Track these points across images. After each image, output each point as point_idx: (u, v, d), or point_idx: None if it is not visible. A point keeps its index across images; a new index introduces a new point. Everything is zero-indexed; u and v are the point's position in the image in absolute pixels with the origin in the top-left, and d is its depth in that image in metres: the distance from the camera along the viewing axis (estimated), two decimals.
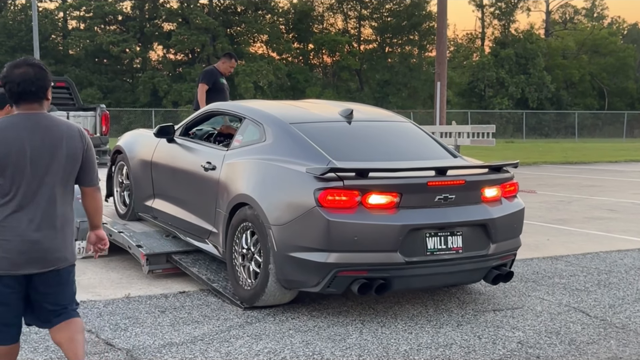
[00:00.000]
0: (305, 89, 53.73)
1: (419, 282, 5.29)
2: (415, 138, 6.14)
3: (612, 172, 20.11)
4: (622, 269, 7.09)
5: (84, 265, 7.13)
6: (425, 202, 5.09)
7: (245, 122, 6.15)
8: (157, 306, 5.65)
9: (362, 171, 4.97)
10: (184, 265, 6.41)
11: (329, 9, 58.94)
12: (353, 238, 4.92)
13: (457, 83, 56.49)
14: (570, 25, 66.09)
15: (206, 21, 50.41)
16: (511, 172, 5.63)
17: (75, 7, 52.16)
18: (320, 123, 5.95)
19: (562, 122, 51.54)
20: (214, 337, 4.90)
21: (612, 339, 4.91)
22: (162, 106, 47.59)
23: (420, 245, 5.05)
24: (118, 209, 7.85)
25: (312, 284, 5.09)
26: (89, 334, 4.92)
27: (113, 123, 38.95)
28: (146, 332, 4.99)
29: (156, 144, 7.10)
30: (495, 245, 5.31)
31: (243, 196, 5.51)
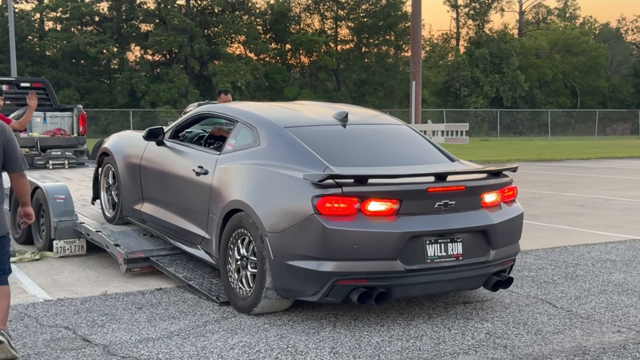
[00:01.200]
0: (283, 89, 53.78)
1: (419, 290, 5.12)
2: (411, 141, 5.99)
3: (583, 169, 20.40)
4: (589, 261, 7.24)
5: (61, 263, 7.16)
6: (425, 209, 4.96)
7: (238, 126, 5.96)
8: (134, 303, 5.69)
9: (361, 177, 4.83)
10: (160, 266, 6.45)
11: (306, 9, 59.02)
12: (352, 246, 4.78)
13: (433, 82, 56.87)
14: (543, 25, 66.71)
15: (183, 22, 50.24)
16: (510, 177, 5.49)
17: (51, 8, 51.73)
18: (315, 127, 5.75)
19: (536, 120, 52.07)
20: (190, 332, 4.96)
21: (577, 329, 5.04)
22: (140, 107, 47.36)
23: (420, 253, 4.93)
24: (105, 212, 7.61)
25: (310, 293, 4.94)
26: (67, 332, 4.96)
27: (91, 124, 38.73)
28: (123, 328, 5.03)
29: (145, 147, 6.91)
30: (495, 251, 5.20)
31: (237, 202, 5.34)
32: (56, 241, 7.47)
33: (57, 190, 7.69)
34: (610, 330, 5.02)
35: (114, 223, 7.37)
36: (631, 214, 10.68)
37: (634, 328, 5.06)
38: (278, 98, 53.06)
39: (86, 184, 10.00)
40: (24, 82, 13.84)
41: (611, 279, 6.49)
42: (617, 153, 27.22)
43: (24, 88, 13.45)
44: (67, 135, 12.92)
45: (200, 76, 52.81)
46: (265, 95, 53.72)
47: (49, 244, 7.54)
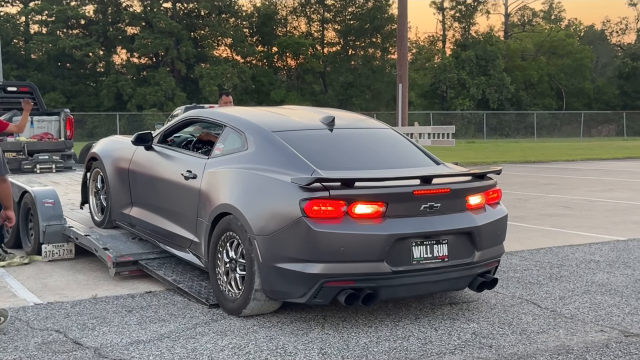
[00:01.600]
0: (270, 92, 53.84)
1: (405, 292, 5.20)
2: (397, 145, 6.07)
3: (569, 170, 20.59)
4: (573, 262, 7.36)
5: (51, 267, 7.19)
6: (411, 211, 5.05)
7: (226, 130, 6.03)
8: (124, 306, 5.74)
9: (348, 181, 4.90)
10: (149, 269, 6.49)
11: (292, 12, 59.13)
12: (339, 248, 4.86)
13: (420, 85, 57.11)
14: (528, 28, 67.15)
15: (170, 25, 50.18)
16: (494, 179, 5.58)
17: (37, 11, 51.53)
18: (302, 131, 5.83)
19: (522, 122, 52.40)
20: (180, 334, 5.02)
21: (561, 329, 5.14)
22: (126, 110, 47.26)
23: (406, 255, 5.01)
24: (94, 216, 7.65)
25: (299, 295, 5.02)
26: (58, 335, 5.00)
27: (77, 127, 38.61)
28: (113, 331, 5.08)
29: (134, 151, 6.98)
30: (480, 252, 5.29)
31: (226, 206, 5.41)
32: (45, 245, 7.50)
33: (46, 195, 7.71)
34: (593, 329, 5.12)
35: (102, 227, 7.42)
36: (615, 215, 10.83)
37: (616, 327, 5.17)
38: (265, 101, 53.12)
39: (74, 188, 10.03)
40: (10, 86, 13.83)
41: (595, 280, 6.61)
42: (603, 154, 27.48)
43: (10, 92, 13.45)
44: (54, 139, 12.93)
45: (187, 79, 52.74)
46: (252, 98, 53.72)
47: (38, 248, 7.57)
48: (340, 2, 58.26)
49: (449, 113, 51.68)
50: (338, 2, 58.30)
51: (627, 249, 8.05)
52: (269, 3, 58.44)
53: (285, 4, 58.98)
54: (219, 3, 53.62)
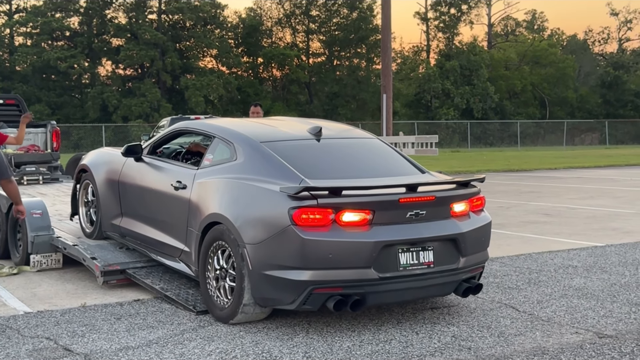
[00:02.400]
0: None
1: (392, 297, 5.30)
2: (383, 154, 6.19)
3: (551, 178, 20.86)
4: (552, 268, 7.55)
5: (40, 277, 7.30)
6: (397, 219, 5.14)
7: (215, 141, 6.13)
8: (112, 314, 5.86)
9: (336, 189, 4.99)
10: (137, 278, 6.61)
11: (278, 23, 59.43)
12: (327, 255, 4.95)
13: (405, 94, 57.52)
14: (511, 38, 67.84)
15: (155, 36, 50.30)
16: (477, 187, 5.70)
17: (21, 23, 51.50)
18: (290, 141, 5.93)
19: (506, 131, 52.85)
20: (168, 340, 5.14)
21: (538, 331, 5.31)
22: (112, 121, 47.28)
23: (393, 261, 5.10)
24: (84, 228, 7.72)
25: (288, 302, 5.11)
26: (48, 342, 5.12)
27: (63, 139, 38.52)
28: (103, 338, 5.20)
29: (123, 163, 7.08)
30: (464, 258, 5.40)
31: (216, 215, 5.50)
32: (33, 255, 7.59)
33: (34, 206, 7.81)
34: (569, 331, 5.30)
35: (92, 238, 7.49)
36: (594, 222, 11.06)
37: (591, 329, 5.35)
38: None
39: (61, 199, 10.14)
40: None
41: (572, 284, 6.80)
42: (585, 163, 27.82)
43: None
44: (40, 151, 13.03)
45: (173, 90, 52.85)
46: (237, 108, 53.87)
47: (26, 258, 7.66)
48: (325, 13, 58.66)
49: (434, 122, 52.06)
50: (323, 13, 58.70)
51: (604, 255, 8.26)
52: (254, 14, 58.76)
53: (271, 15, 59.34)
54: (204, 14, 53.83)
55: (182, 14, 53.12)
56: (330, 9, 58.46)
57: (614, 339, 5.11)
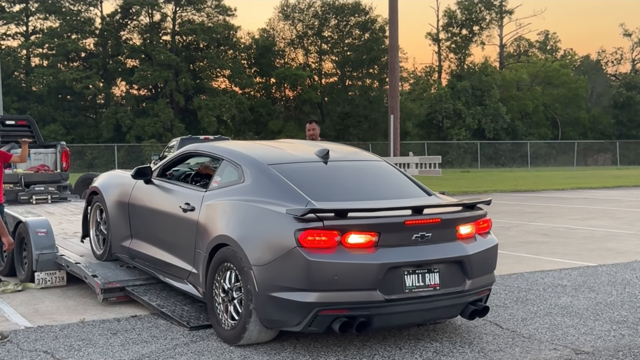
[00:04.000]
0: (268, 122, 54.44)
1: (398, 320, 5.29)
2: (390, 176, 6.21)
3: (557, 199, 20.95)
4: (541, 287, 7.71)
5: (43, 294, 7.55)
6: (403, 241, 5.16)
7: (223, 164, 6.20)
8: (109, 329, 6.09)
9: (341, 211, 5.01)
10: (136, 295, 6.84)
11: (290, 44, 59.98)
12: (333, 277, 4.95)
13: (416, 115, 57.72)
14: (523, 58, 68.00)
15: (169, 57, 50.93)
16: (484, 209, 5.70)
17: (38, 44, 52.39)
18: (297, 164, 5.98)
19: (518, 151, 52.85)
20: (161, 354, 5.36)
21: (517, 347, 5.49)
22: (125, 141, 47.80)
23: (399, 283, 5.10)
24: (94, 249, 7.83)
25: (294, 324, 5.12)
26: (46, 356, 5.35)
27: (76, 158, 39.14)
28: (98, 352, 5.43)
29: (133, 185, 7.15)
30: (471, 281, 5.39)
31: (223, 237, 5.53)
32: (37, 273, 7.85)
33: (39, 225, 8.08)
34: (547, 347, 5.47)
35: (102, 260, 7.59)
36: (590, 243, 11.19)
37: (569, 346, 5.52)
38: (263, 131, 53.71)
39: (68, 218, 10.42)
40: (8, 120, 14.32)
41: (558, 302, 6.96)
42: (593, 183, 27.86)
43: (8, 125, 13.92)
44: (50, 171, 13.36)
45: (186, 110, 53.40)
46: (250, 128, 54.35)
47: (31, 275, 7.92)
48: (338, 34, 59.16)
49: (445, 143, 52.22)
50: (335, 34, 59.20)
51: (595, 274, 8.40)
52: (267, 35, 59.35)
53: (283, 35, 59.91)
54: (218, 35, 54.49)
55: (196, 35, 53.80)
56: (342, 30, 58.97)
57: (590, 355, 5.28)
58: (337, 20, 58.62)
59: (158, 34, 53.99)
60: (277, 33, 60.06)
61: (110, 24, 53.80)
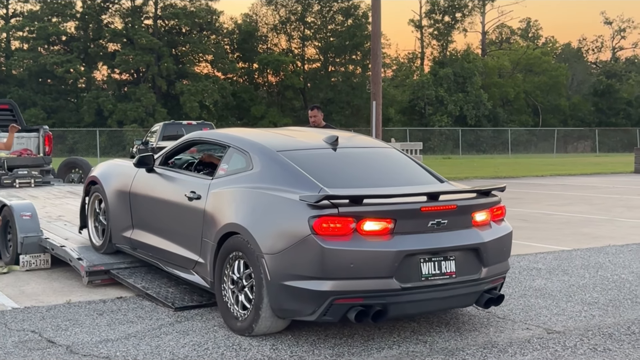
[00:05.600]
0: (250, 108, 54.43)
1: (414, 308, 5.21)
2: (400, 164, 6.10)
3: (536, 185, 21.27)
4: (517, 270, 7.93)
5: (28, 276, 7.65)
6: (419, 228, 5.06)
7: (230, 151, 6.04)
8: (95, 310, 6.22)
9: (357, 198, 4.90)
10: (121, 277, 6.97)
11: (273, 29, 59.90)
12: (349, 265, 4.86)
13: (399, 101, 58.01)
14: (505, 45, 68.39)
15: (151, 41, 50.74)
16: (498, 196, 5.62)
17: (18, 28, 51.96)
18: (307, 150, 5.86)
19: (499, 138, 53.30)
20: (146, 333, 5.51)
21: (492, 327, 5.68)
22: (107, 126, 47.65)
23: (415, 271, 5.01)
24: (93, 241, 7.60)
25: (308, 313, 5.02)
26: (33, 335, 5.48)
27: (57, 143, 38.91)
28: (85, 331, 5.57)
29: (135, 174, 6.96)
30: (486, 269, 5.31)
31: (233, 225, 5.41)
32: (22, 255, 7.94)
33: (24, 208, 8.16)
34: (520, 327, 5.68)
35: (102, 252, 7.40)
36: (567, 228, 11.46)
37: (541, 325, 5.73)
38: (245, 117, 53.73)
39: (51, 201, 10.50)
40: None
41: (533, 285, 7.18)
42: (572, 170, 28.26)
43: None
44: (33, 155, 13.39)
45: (168, 95, 53.26)
46: (232, 114, 54.33)
47: (16, 258, 8.01)
48: (321, 20, 59.18)
49: (427, 129, 52.53)
50: (318, 19, 59.21)
51: (569, 258, 8.65)
52: (249, 20, 59.22)
53: (266, 21, 59.84)
54: (200, 20, 54.33)
55: (178, 20, 53.62)
56: (325, 16, 59.00)
57: (561, 334, 5.49)
58: (320, 5, 58.64)
59: (140, 18, 53.73)
60: (260, 18, 59.99)
61: (92, 8, 53.45)
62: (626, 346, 5.19)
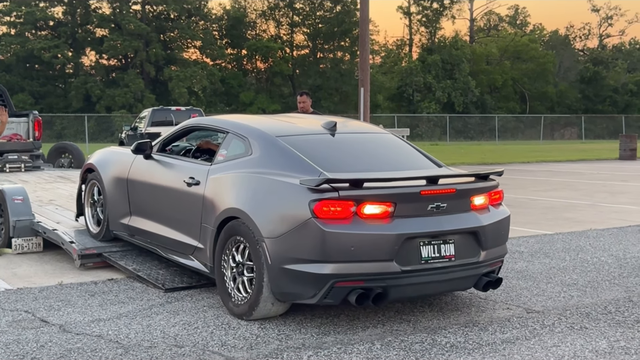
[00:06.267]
0: (239, 94, 54.38)
1: (414, 291, 5.25)
2: (399, 149, 6.13)
3: (522, 171, 21.50)
4: None
5: (20, 259, 7.76)
6: (419, 211, 5.09)
7: (229, 137, 6.06)
8: (87, 291, 6.35)
9: (357, 181, 4.94)
10: (112, 260, 7.09)
11: (262, 15, 59.79)
12: (350, 248, 4.89)
13: (387, 88, 58.12)
14: (493, 32, 68.55)
15: (139, 27, 50.56)
16: (496, 180, 5.68)
17: (5, 12, 51.57)
18: (305, 135, 5.90)
19: (486, 125, 53.53)
20: (137, 313, 5.64)
21: (474, 307, 5.85)
22: (95, 111, 47.53)
23: (415, 254, 5.05)
24: (90, 228, 7.60)
25: (309, 296, 5.05)
26: (26, 314, 5.60)
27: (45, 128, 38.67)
28: (77, 311, 5.70)
29: (132, 161, 6.95)
30: (485, 252, 5.35)
31: (233, 210, 5.42)
32: (14, 239, 8.04)
33: (16, 192, 8.25)
34: (501, 307, 5.85)
35: (99, 239, 7.41)
36: (550, 213, 11.67)
37: (522, 305, 5.91)
38: (234, 103, 53.70)
39: (42, 186, 10.59)
40: None
41: (515, 267, 7.36)
42: (558, 157, 28.54)
43: None
44: (23, 140, 13.45)
45: (156, 81, 53.14)
46: (221, 100, 54.25)
47: (8, 241, 8.11)
48: (309, 6, 59.09)
49: (416, 116, 52.69)
50: (307, 5, 59.12)
51: (551, 242, 8.85)
52: (238, 6, 59.07)
53: (255, 7, 59.69)
54: (189, 6, 54.13)
55: (167, 5, 53.39)
56: (314, 2, 58.93)
57: (540, 313, 5.67)
58: None
59: (128, 3, 53.44)
60: (248, 4, 59.84)
61: None
62: (602, 324, 5.38)
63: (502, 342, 4.95)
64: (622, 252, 8.20)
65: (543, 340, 5.01)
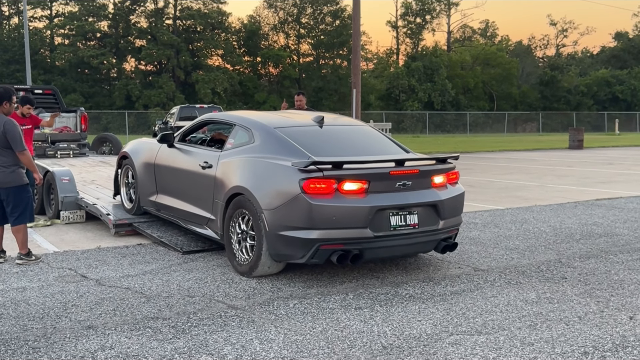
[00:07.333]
0: (254, 94, 54.33)
1: (384, 253, 5.36)
2: (374, 138, 6.24)
3: (486, 159, 21.54)
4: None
5: (67, 228, 7.93)
6: (388, 188, 5.23)
7: (235, 128, 6.20)
8: (120, 253, 6.51)
9: (338, 163, 5.10)
10: (140, 229, 7.24)
11: (273, 28, 59.56)
12: (332, 218, 5.02)
13: (378, 89, 57.89)
14: (467, 43, 68.13)
15: (171, 38, 50.50)
16: (453, 163, 5.84)
17: (60, 26, 51.62)
18: (298, 127, 6.02)
19: (460, 120, 53.40)
20: (159, 271, 5.80)
21: (431, 266, 5.98)
22: (134, 109, 47.58)
23: (385, 223, 5.19)
24: (125, 205, 7.74)
25: (299, 257, 5.18)
26: (70, 271, 5.77)
27: (93, 123, 38.91)
28: (111, 269, 5.86)
29: (158, 149, 7.09)
30: (443, 221, 5.49)
31: (238, 187, 5.57)
32: (62, 212, 8.21)
33: (63, 174, 8.41)
34: (453, 267, 5.99)
35: (132, 214, 7.54)
36: (505, 192, 11.76)
37: (471, 265, 6.05)
38: (250, 102, 53.65)
39: (86, 169, 10.74)
40: (37, 89, 14.45)
41: (469, 235, 7.49)
42: (517, 146, 28.51)
43: (36, 94, 14.07)
44: (72, 131, 13.59)
45: (185, 83, 53.09)
46: (239, 99, 54.20)
47: (57, 213, 8.28)
48: (313, 21, 58.86)
49: (401, 113, 52.59)
50: (311, 20, 58.89)
51: (501, 215, 8.96)
52: (254, 21, 58.85)
53: (268, 21, 59.45)
54: (212, 20, 54.01)
55: (194, 20, 53.28)
56: (317, 17, 58.70)
57: (485, 271, 5.81)
58: (312, 9, 58.35)
59: (162, 18, 53.35)
60: (262, 19, 59.61)
61: (121, 9, 53.04)
62: (534, 280, 5.53)
63: (451, 294, 5.11)
64: (559, 223, 8.32)
65: (484, 292, 5.16)
